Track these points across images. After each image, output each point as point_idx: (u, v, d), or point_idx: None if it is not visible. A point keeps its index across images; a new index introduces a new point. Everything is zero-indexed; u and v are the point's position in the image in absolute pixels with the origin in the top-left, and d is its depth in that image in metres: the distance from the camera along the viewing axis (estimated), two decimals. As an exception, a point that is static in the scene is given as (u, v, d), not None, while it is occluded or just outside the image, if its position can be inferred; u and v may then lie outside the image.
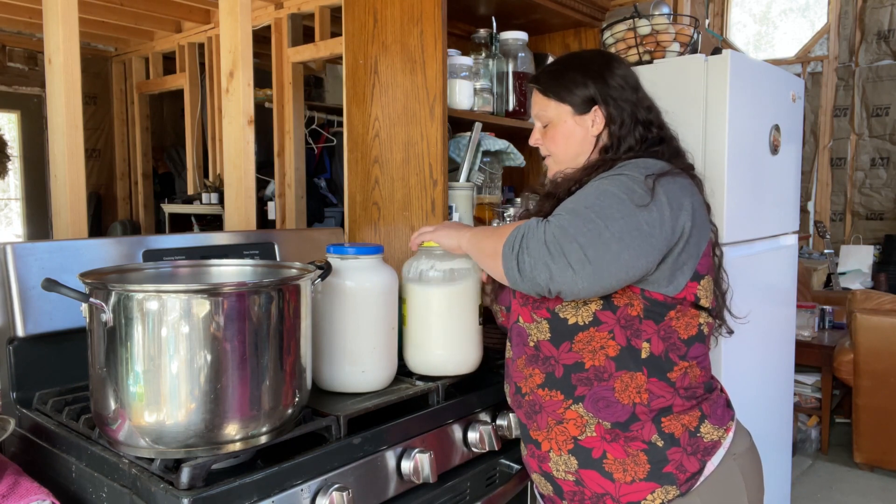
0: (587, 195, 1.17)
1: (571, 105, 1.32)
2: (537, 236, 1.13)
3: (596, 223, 1.11)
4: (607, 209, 1.12)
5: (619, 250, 1.10)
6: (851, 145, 5.57)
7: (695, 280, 1.21)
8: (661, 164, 1.23)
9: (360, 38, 1.85)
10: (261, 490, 1.03)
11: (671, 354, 1.21)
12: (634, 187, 1.15)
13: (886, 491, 3.31)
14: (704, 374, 1.27)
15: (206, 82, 5.29)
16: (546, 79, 1.36)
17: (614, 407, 1.19)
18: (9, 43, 5.58)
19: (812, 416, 3.86)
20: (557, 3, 2.04)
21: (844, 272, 5.10)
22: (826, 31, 5.63)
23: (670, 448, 1.19)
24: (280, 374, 1.08)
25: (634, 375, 1.19)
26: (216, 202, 4.83)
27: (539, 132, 1.40)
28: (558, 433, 1.23)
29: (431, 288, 1.42)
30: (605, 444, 1.20)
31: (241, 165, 1.96)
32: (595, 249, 1.09)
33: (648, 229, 1.12)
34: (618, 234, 1.10)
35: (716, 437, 1.23)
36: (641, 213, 1.13)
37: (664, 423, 1.19)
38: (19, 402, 1.30)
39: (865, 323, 3.38)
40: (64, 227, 1.71)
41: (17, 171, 5.87)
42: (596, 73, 1.31)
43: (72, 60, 1.70)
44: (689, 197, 1.20)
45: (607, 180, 1.18)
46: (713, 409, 1.25)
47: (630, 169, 1.19)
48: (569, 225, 1.12)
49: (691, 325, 1.23)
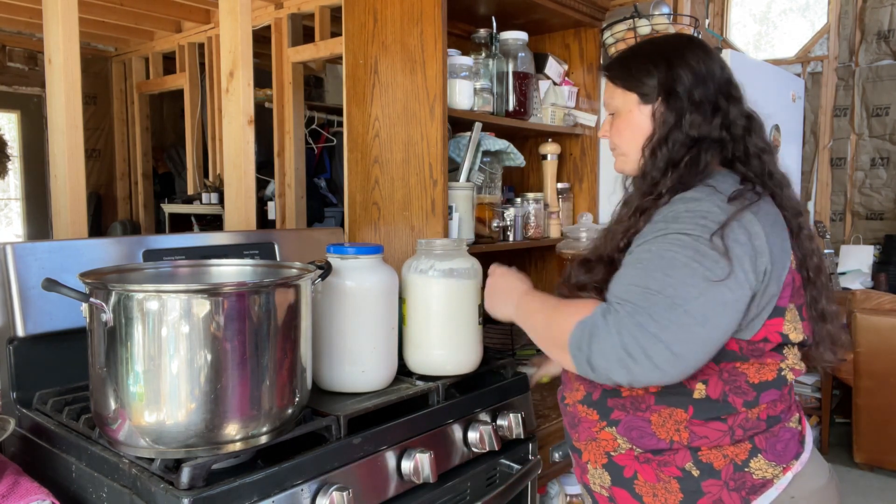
0: (650, 268, 1.00)
1: (639, 93, 1.19)
2: (611, 338, 0.97)
3: (675, 310, 0.95)
4: (681, 287, 0.97)
5: (707, 334, 0.97)
6: (851, 145, 5.57)
7: (776, 316, 1.06)
8: (720, 191, 1.05)
9: (360, 38, 1.85)
10: (261, 490, 1.02)
11: (732, 398, 1.07)
12: (704, 252, 0.99)
13: (886, 491, 3.31)
14: (772, 409, 1.10)
15: (206, 82, 5.29)
16: (615, 64, 1.26)
17: (649, 439, 1.09)
18: (9, 43, 5.57)
19: (812, 416, 3.85)
20: (557, 3, 2.04)
21: (844, 272, 5.10)
22: (826, 31, 5.63)
23: (707, 479, 1.06)
24: (280, 373, 1.08)
25: (674, 412, 1.07)
26: (216, 202, 4.83)
27: (608, 123, 1.28)
28: (594, 447, 1.17)
29: (431, 287, 1.42)
30: (637, 465, 1.11)
31: (241, 165, 1.96)
32: (682, 344, 0.95)
33: (733, 297, 0.99)
34: (701, 317, 0.96)
35: (769, 475, 1.07)
36: (720, 284, 0.98)
37: (703, 451, 1.07)
38: (19, 402, 1.30)
39: (865, 323, 3.38)
40: (64, 227, 1.71)
41: (17, 171, 5.86)
42: (664, 58, 1.18)
43: (72, 60, 1.70)
44: (762, 236, 1.03)
45: (667, 243, 1.01)
46: (771, 444, 1.08)
47: (688, 220, 1.02)
48: (646, 320, 0.96)
49: (767, 369, 1.08)
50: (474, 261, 1.48)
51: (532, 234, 2.11)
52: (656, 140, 1.15)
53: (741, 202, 1.04)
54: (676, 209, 1.05)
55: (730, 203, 1.04)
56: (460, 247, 1.47)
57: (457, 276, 1.42)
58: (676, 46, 1.20)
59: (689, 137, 1.13)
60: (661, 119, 1.16)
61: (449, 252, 1.44)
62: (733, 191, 1.06)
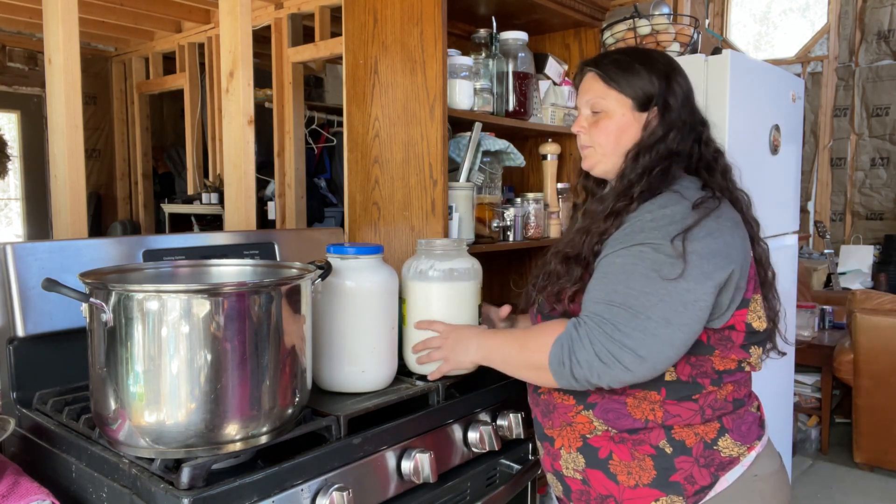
0: (614, 281, 1.10)
1: (633, 99, 1.25)
2: (585, 349, 1.08)
3: (637, 317, 1.06)
4: (641, 297, 1.07)
5: (671, 334, 1.07)
6: (851, 145, 5.57)
7: (742, 307, 1.16)
8: (686, 198, 1.14)
9: (360, 38, 1.85)
10: (261, 490, 1.03)
11: (701, 380, 1.16)
12: (662, 260, 1.08)
13: (886, 491, 3.31)
14: (737, 391, 1.20)
15: (206, 82, 5.29)
16: (610, 66, 1.27)
17: (625, 420, 1.16)
18: (9, 43, 5.57)
19: (812, 416, 3.86)
20: (557, 3, 2.04)
21: (844, 272, 5.10)
22: (826, 31, 5.63)
23: (679, 456, 1.14)
24: (280, 373, 1.08)
25: (648, 394, 1.15)
26: (216, 202, 4.83)
27: (586, 120, 1.31)
28: (568, 432, 1.22)
29: (431, 287, 1.42)
30: (612, 445, 1.17)
31: (241, 165, 1.96)
32: (647, 347, 1.06)
33: (693, 297, 1.07)
34: (663, 319, 1.06)
35: (735, 453, 1.16)
36: (678, 284, 1.07)
37: (675, 429, 1.15)
38: (19, 402, 1.30)
39: (865, 323, 3.38)
40: (64, 227, 1.71)
41: (17, 171, 5.86)
42: (662, 72, 1.25)
43: (72, 60, 1.70)
44: (727, 234, 1.13)
45: (630, 256, 1.10)
46: (737, 425, 1.18)
47: (650, 229, 1.11)
48: (612, 330, 1.07)
49: (729, 361, 1.18)
50: (474, 261, 1.48)
51: (532, 235, 2.11)
52: (642, 147, 1.22)
53: (704, 209, 1.13)
54: (642, 219, 1.13)
55: (694, 209, 1.12)
56: (460, 247, 1.47)
57: (457, 277, 1.42)
58: (670, 63, 1.28)
59: (668, 150, 1.21)
60: (651, 129, 1.23)
61: (449, 252, 1.44)
62: (697, 198, 1.14)
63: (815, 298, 4.42)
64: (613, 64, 1.27)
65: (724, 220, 1.14)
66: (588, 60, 1.34)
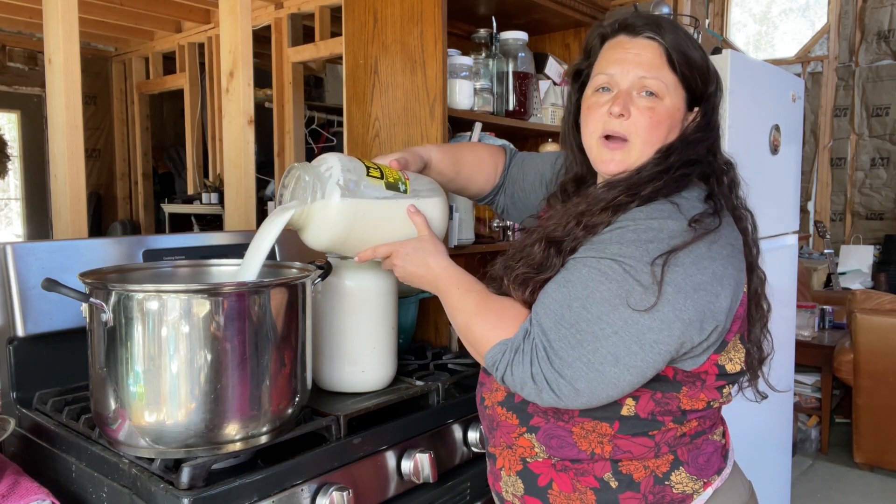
0: (573, 295, 0.93)
1: (691, 95, 1.05)
2: (523, 364, 0.94)
3: (583, 346, 0.91)
4: (595, 323, 0.91)
5: (617, 374, 0.91)
6: (851, 145, 5.57)
7: (720, 350, 0.99)
8: (682, 212, 0.96)
9: (360, 38, 1.85)
10: (261, 490, 1.02)
11: (662, 417, 1.00)
12: (630, 284, 0.91)
13: (886, 491, 3.31)
14: (702, 425, 1.04)
15: (206, 82, 5.29)
16: (675, 43, 1.02)
17: (569, 449, 1.02)
18: (9, 43, 5.58)
19: (812, 416, 3.86)
20: (557, 3, 2.04)
21: (844, 272, 5.10)
22: (826, 31, 5.63)
23: (626, 492, 1.00)
24: (280, 373, 1.08)
25: (598, 425, 1.00)
26: (216, 202, 4.84)
27: (633, 102, 1.02)
28: (509, 454, 1.09)
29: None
30: (553, 473, 1.04)
31: (241, 165, 1.96)
32: (586, 381, 0.91)
33: (653, 338, 0.90)
34: (612, 356, 0.90)
35: (690, 489, 1.01)
36: (642, 319, 0.90)
37: (623, 462, 1.01)
38: (19, 402, 1.30)
39: (865, 323, 3.38)
40: (64, 227, 1.71)
41: (17, 171, 5.87)
42: (715, 72, 1.07)
43: (72, 60, 1.70)
44: (718, 265, 0.94)
45: (596, 271, 0.93)
46: (693, 457, 1.02)
47: (629, 242, 0.93)
48: (553, 356, 0.92)
49: (698, 400, 1.01)
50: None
51: (532, 234, 2.11)
52: (673, 148, 1.02)
53: (700, 228, 0.94)
54: (624, 227, 0.95)
55: (689, 227, 0.94)
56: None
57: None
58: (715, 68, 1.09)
59: (697, 156, 1.03)
60: (688, 130, 1.05)
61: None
62: (695, 213, 0.96)
63: (815, 298, 4.42)
64: (681, 41, 1.02)
65: (720, 248, 0.95)
66: (639, 18, 1.04)
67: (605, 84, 1.05)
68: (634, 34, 1.03)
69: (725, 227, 0.98)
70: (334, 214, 1.09)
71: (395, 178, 1.18)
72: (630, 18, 1.04)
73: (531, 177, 1.39)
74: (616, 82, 1.03)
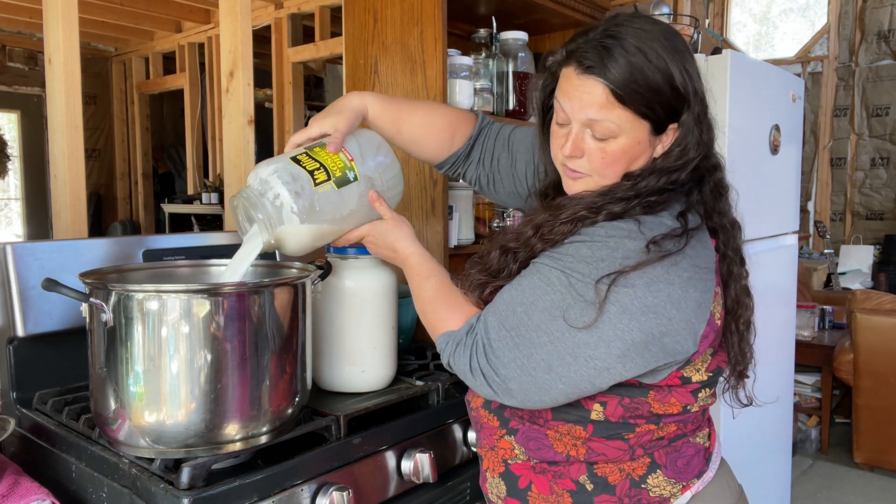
0: (518, 300, 0.95)
1: (653, 122, 0.97)
2: (463, 356, 0.99)
3: (519, 350, 0.94)
4: (532, 330, 0.93)
5: (550, 381, 0.93)
6: (851, 145, 5.57)
7: (684, 366, 0.98)
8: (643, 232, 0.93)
9: (360, 38, 1.85)
10: (261, 490, 1.02)
11: (634, 420, 0.99)
12: (571, 299, 0.91)
13: (886, 491, 3.31)
14: (682, 428, 1.03)
15: (206, 82, 5.29)
16: (625, 78, 0.93)
17: (546, 451, 1.03)
18: (9, 43, 5.58)
19: (812, 416, 3.86)
20: (557, 3, 2.04)
21: (844, 272, 5.10)
22: (826, 31, 5.64)
23: (601, 495, 0.99)
24: (280, 373, 1.08)
25: (573, 428, 1.00)
26: (216, 202, 4.84)
27: (585, 143, 0.98)
28: (492, 455, 1.10)
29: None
30: (533, 475, 1.04)
31: (241, 165, 1.96)
32: (519, 383, 0.94)
33: (589, 353, 0.91)
34: (544, 363, 0.92)
35: (667, 493, 0.99)
36: (578, 334, 0.91)
37: (599, 465, 1.00)
38: (19, 402, 1.30)
39: (865, 323, 3.38)
40: (64, 227, 1.70)
41: (17, 171, 5.87)
42: (687, 78, 0.96)
43: (72, 60, 1.70)
44: (677, 287, 0.92)
45: (544, 280, 0.94)
46: (671, 459, 1.01)
47: (578, 260, 0.92)
48: (491, 354, 0.96)
49: (670, 405, 0.99)
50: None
51: (532, 234, 2.11)
52: (647, 172, 0.98)
53: (659, 250, 0.91)
54: (582, 242, 0.94)
55: (646, 248, 0.91)
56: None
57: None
58: (686, 49, 0.98)
59: (675, 181, 0.98)
60: (664, 152, 0.99)
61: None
62: (657, 234, 0.92)
63: (815, 298, 4.42)
64: (634, 70, 0.93)
65: (680, 270, 0.92)
66: (592, 67, 0.94)
67: (561, 120, 1.02)
68: (580, 69, 0.96)
69: (692, 248, 0.94)
70: (301, 234, 1.13)
71: (342, 168, 1.15)
72: (579, 46, 0.97)
73: (521, 165, 1.29)
74: (569, 118, 0.99)
